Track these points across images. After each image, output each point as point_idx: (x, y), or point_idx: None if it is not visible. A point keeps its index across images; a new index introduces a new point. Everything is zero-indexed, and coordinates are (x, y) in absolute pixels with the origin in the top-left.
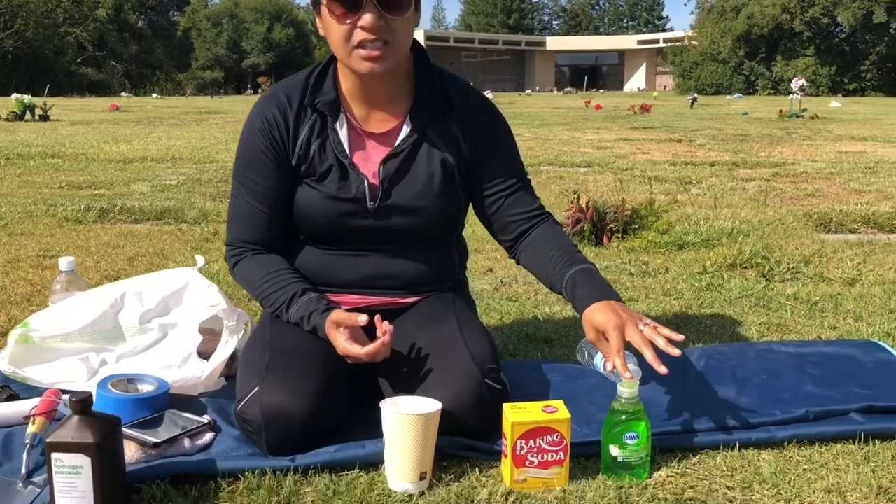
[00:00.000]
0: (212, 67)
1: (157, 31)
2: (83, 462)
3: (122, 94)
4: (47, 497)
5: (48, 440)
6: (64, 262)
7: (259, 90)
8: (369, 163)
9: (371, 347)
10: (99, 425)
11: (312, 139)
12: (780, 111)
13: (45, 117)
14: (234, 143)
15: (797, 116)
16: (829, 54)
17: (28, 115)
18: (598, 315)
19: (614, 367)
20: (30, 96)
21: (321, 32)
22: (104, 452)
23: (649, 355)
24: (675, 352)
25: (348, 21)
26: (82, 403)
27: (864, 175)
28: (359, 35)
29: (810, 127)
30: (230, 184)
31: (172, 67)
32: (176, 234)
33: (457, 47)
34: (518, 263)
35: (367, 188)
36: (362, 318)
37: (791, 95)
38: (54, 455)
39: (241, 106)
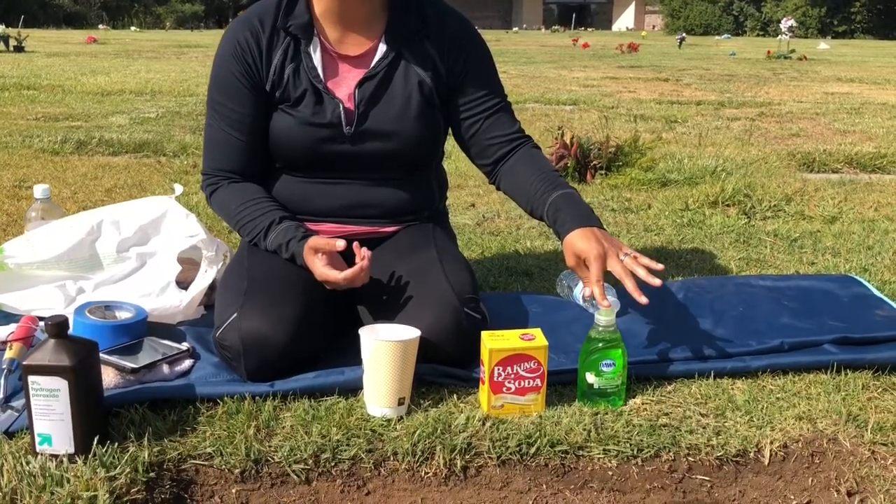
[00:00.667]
0: (192, 0)
1: None
2: (60, 385)
3: (100, 26)
4: (26, 421)
5: (24, 363)
6: (39, 190)
7: None
8: (344, 86)
9: (349, 272)
10: (75, 348)
11: (286, 63)
12: (769, 52)
13: (19, 48)
14: None
15: (785, 58)
16: None
17: (2, 46)
18: (579, 242)
19: (592, 294)
20: (3, 26)
21: None
22: (81, 375)
23: (630, 285)
24: (656, 282)
25: None
26: (58, 327)
27: (849, 116)
28: None
29: (798, 68)
30: None
31: (151, 0)
32: (155, 166)
33: None
34: (498, 189)
35: (342, 113)
36: (340, 244)
37: (780, 36)
38: (31, 378)
39: None
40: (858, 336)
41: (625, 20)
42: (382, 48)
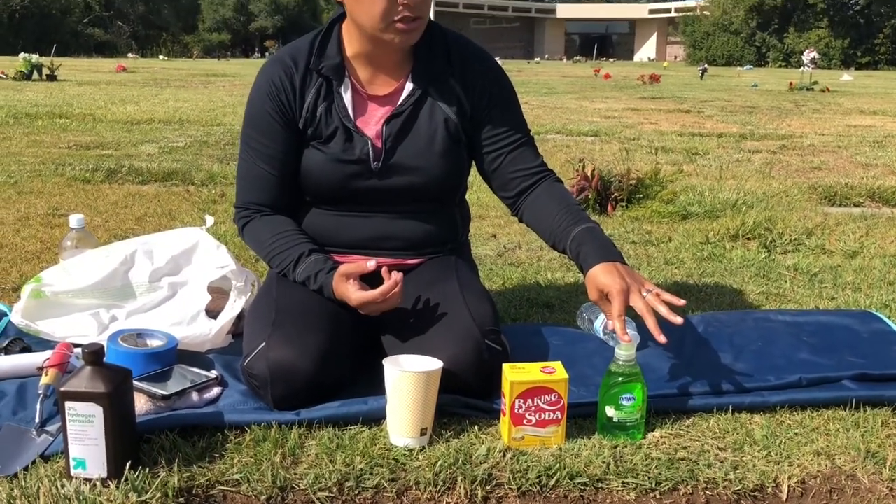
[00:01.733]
0: (219, 30)
1: None
2: (95, 411)
3: (129, 55)
4: (61, 445)
5: (62, 389)
6: (74, 220)
7: (266, 53)
8: (373, 124)
9: (384, 287)
10: (111, 376)
11: (318, 102)
12: (791, 84)
13: (52, 77)
14: (241, 106)
15: (807, 89)
16: (843, 27)
17: (35, 75)
18: (602, 277)
19: (613, 328)
20: (37, 56)
21: (347, 2)
22: (116, 402)
23: (651, 323)
24: (678, 320)
25: None
26: (95, 355)
27: (871, 149)
28: (402, 11)
29: (820, 100)
30: (237, 146)
31: (179, 29)
32: (183, 195)
33: (466, 13)
34: (520, 221)
35: (370, 149)
36: (370, 264)
37: (802, 68)
38: (68, 404)
39: (248, 69)
40: (878, 373)
41: (646, 51)
42: (409, 87)
